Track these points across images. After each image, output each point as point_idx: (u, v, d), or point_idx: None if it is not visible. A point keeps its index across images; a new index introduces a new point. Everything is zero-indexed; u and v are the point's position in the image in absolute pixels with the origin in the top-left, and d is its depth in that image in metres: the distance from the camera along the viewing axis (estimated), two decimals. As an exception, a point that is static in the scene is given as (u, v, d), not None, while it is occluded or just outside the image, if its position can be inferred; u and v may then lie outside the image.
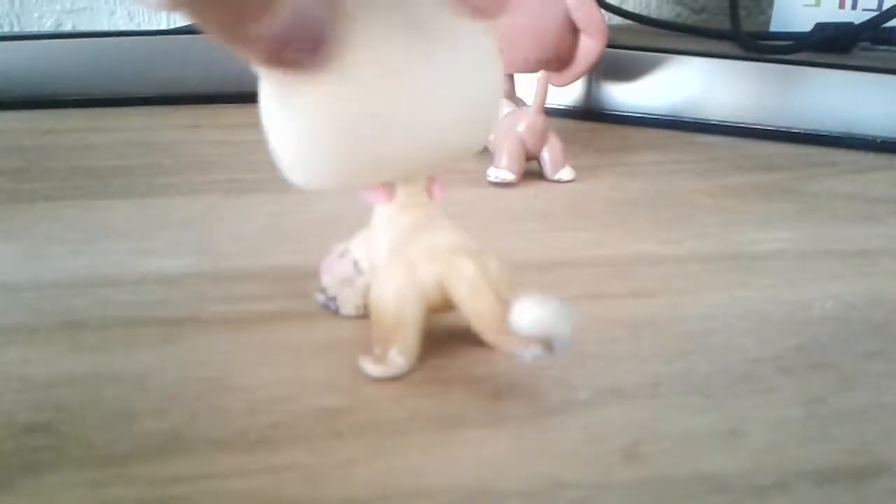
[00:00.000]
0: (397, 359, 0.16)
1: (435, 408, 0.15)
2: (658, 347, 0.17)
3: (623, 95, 0.39)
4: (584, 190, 0.28)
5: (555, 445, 0.14)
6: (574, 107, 0.40)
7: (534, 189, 0.28)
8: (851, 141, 0.34)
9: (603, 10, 0.65)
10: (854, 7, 0.57)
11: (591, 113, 0.39)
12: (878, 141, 0.34)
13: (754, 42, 0.48)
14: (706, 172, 0.31)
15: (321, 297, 0.18)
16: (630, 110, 0.38)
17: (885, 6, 0.53)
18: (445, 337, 0.17)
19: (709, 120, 0.37)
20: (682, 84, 0.37)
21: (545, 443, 0.14)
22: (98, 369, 0.16)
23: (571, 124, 0.38)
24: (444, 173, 0.17)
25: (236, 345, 0.17)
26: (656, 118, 0.38)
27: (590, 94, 0.39)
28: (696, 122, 0.37)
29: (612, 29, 0.34)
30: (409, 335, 0.16)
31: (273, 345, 0.17)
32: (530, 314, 0.14)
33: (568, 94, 0.39)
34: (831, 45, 0.49)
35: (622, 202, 0.27)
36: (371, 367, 0.16)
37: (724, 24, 0.61)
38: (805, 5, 0.58)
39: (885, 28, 0.48)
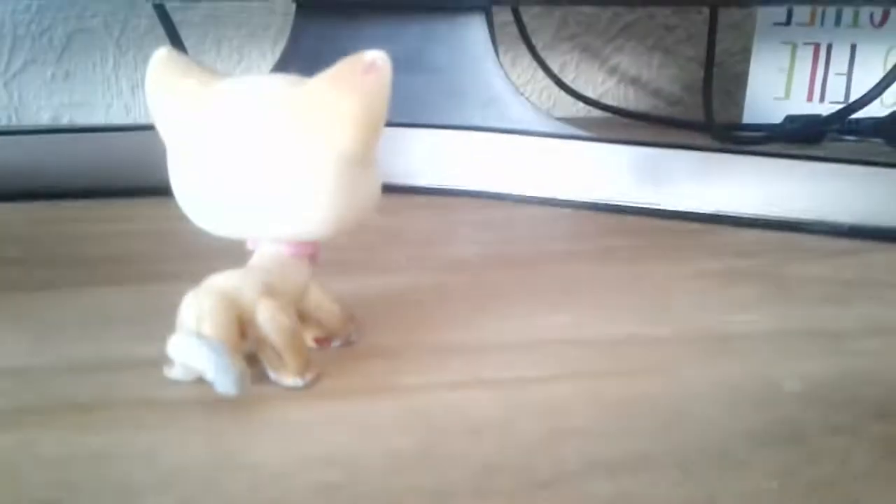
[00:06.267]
0: None
1: (429, 482, 0.15)
2: (641, 423, 0.18)
3: (602, 186, 0.40)
4: (565, 273, 0.29)
5: (542, 516, 0.14)
6: (552, 197, 0.41)
7: (519, 272, 0.29)
8: (822, 227, 0.36)
9: (581, 103, 0.68)
10: (822, 100, 0.60)
11: (568, 202, 0.41)
12: (847, 227, 0.36)
13: (728, 133, 0.50)
14: (682, 259, 0.32)
15: None
16: (608, 199, 0.40)
17: (851, 98, 0.55)
18: (438, 412, 0.18)
19: (684, 209, 0.39)
20: (660, 175, 0.39)
21: (533, 514, 0.15)
22: (106, 448, 0.17)
23: (550, 212, 0.40)
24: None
25: (238, 424, 0.18)
26: (634, 207, 0.39)
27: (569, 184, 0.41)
28: (672, 211, 0.39)
29: (591, 121, 0.36)
30: None
31: (274, 423, 0.18)
32: (174, 345, 0.18)
33: (546, 185, 0.41)
34: (801, 136, 0.51)
35: (602, 286, 0.28)
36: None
37: (698, 115, 0.64)
38: (775, 98, 0.61)
39: (851, 119, 0.51)
